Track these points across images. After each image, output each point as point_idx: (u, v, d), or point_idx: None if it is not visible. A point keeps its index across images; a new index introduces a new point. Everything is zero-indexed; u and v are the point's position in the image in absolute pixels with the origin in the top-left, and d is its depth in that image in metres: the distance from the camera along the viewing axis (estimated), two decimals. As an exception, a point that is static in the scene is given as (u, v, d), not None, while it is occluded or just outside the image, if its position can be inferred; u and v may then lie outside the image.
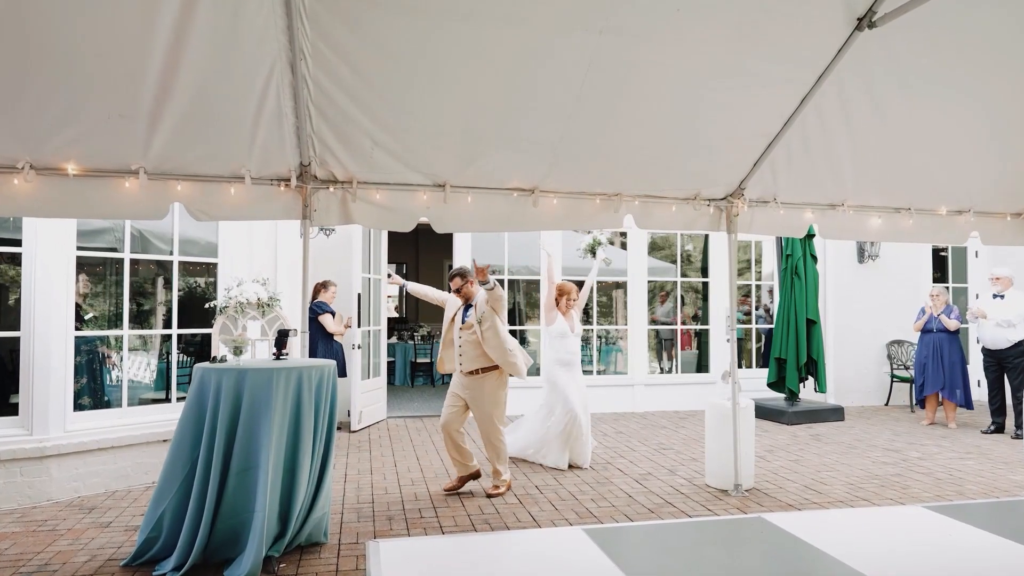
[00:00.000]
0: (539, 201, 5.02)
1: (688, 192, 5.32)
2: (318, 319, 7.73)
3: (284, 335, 4.35)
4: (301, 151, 4.46)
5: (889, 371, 10.02)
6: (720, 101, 4.46)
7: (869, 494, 5.45)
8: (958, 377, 8.26)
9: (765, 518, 4.80)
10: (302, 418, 3.93)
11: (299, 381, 3.92)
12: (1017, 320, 7.58)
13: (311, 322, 7.65)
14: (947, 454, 6.90)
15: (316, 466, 4.10)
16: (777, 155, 5.00)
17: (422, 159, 4.61)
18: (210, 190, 4.52)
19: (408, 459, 6.60)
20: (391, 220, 4.91)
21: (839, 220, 5.71)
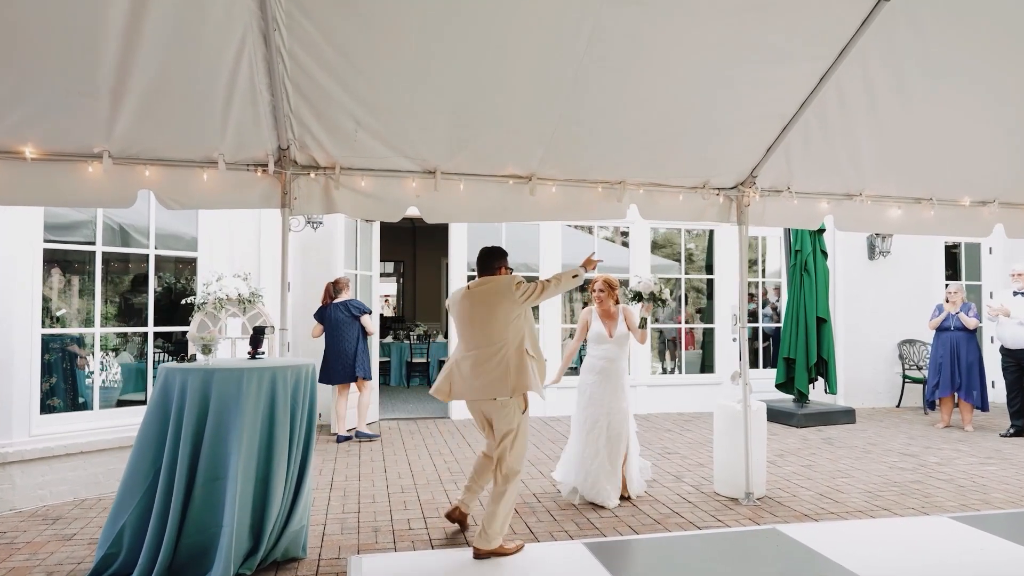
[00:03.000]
0: (536, 189, 4.68)
1: (696, 180, 4.97)
2: (360, 319, 7.44)
3: (260, 333, 4.01)
4: (279, 133, 4.12)
5: (901, 372, 9.68)
6: (733, 78, 4.12)
7: (889, 503, 5.11)
8: (975, 378, 7.91)
9: (780, 529, 4.46)
10: (276, 423, 3.59)
11: (272, 382, 3.58)
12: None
13: (350, 321, 7.36)
14: (967, 459, 6.56)
15: (293, 475, 3.75)
16: (792, 140, 4.65)
17: (410, 142, 4.27)
18: (181, 176, 4.20)
19: (399, 464, 6.26)
20: (377, 209, 4.57)
21: (856, 211, 5.36)
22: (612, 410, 5.00)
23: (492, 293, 3.93)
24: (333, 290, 7.41)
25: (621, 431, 5.01)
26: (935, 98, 4.44)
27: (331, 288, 7.42)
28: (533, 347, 3.97)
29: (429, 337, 12.94)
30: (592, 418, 5.02)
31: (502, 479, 3.87)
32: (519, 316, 3.91)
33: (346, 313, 7.35)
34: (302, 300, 8.12)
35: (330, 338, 7.32)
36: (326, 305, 7.39)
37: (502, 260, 4.09)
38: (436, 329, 14.20)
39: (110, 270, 6.60)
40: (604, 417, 4.99)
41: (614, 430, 4.98)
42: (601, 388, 5.05)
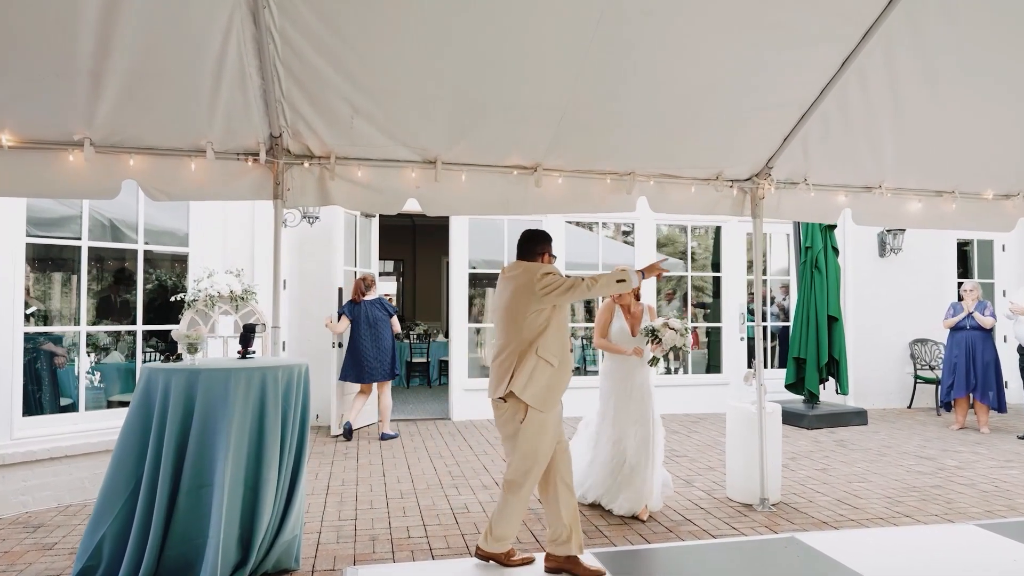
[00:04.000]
0: (542, 180, 4.46)
1: (709, 172, 4.75)
2: (391, 320, 7.36)
3: (250, 331, 3.79)
4: (270, 120, 3.90)
5: (912, 372, 9.45)
6: (751, 61, 3.89)
7: (910, 509, 4.88)
8: (991, 378, 7.68)
9: (798, 538, 4.23)
10: (266, 426, 3.36)
11: (262, 383, 3.36)
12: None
13: (385, 320, 7.30)
14: (986, 462, 6.33)
15: (285, 482, 3.53)
16: (811, 129, 4.42)
17: (409, 130, 4.05)
18: (168, 165, 3.98)
19: (399, 468, 6.04)
20: (375, 201, 4.35)
21: (874, 204, 5.14)
22: (642, 417, 4.56)
23: (515, 281, 3.52)
24: (363, 287, 7.29)
25: (648, 439, 4.55)
26: (962, 86, 4.22)
27: (361, 284, 7.29)
28: (556, 351, 3.45)
29: (429, 336, 12.72)
30: (620, 429, 4.55)
31: (503, 486, 3.60)
32: (539, 312, 3.43)
33: (382, 312, 7.29)
34: (298, 298, 7.91)
35: (363, 336, 7.16)
36: (357, 301, 7.24)
37: (544, 245, 3.65)
38: (436, 328, 13.98)
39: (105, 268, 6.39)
40: (633, 426, 4.55)
41: (642, 439, 4.53)
42: (627, 395, 4.58)
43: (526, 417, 3.43)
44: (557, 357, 3.46)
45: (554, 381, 3.46)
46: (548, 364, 3.43)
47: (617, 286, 3.53)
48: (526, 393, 3.40)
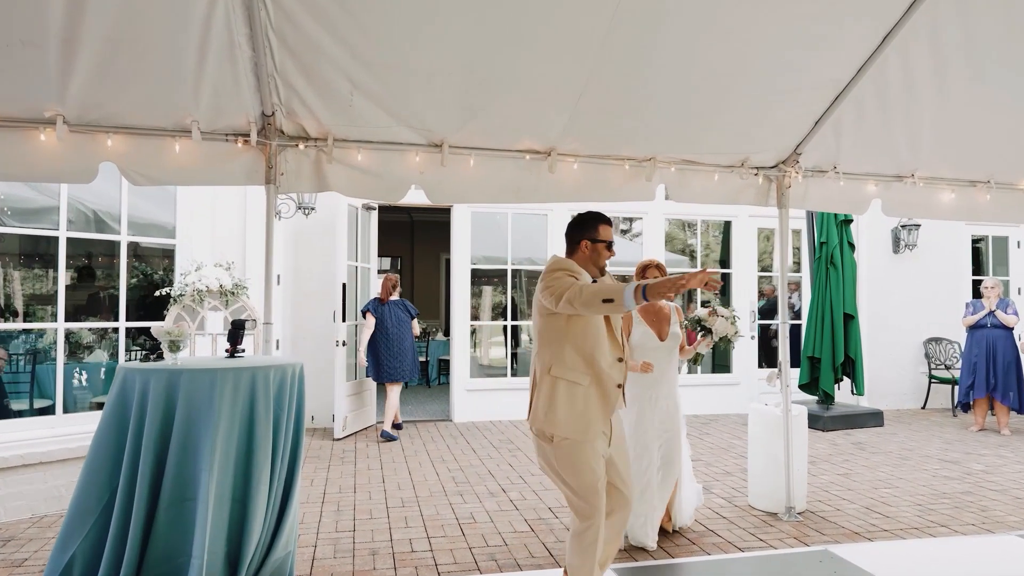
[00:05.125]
0: (556, 166, 4.14)
1: (734, 158, 4.44)
2: (412, 322, 7.39)
3: (239, 328, 3.45)
4: (262, 97, 3.57)
5: (927, 371, 9.16)
6: (784, 35, 3.56)
7: (944, 518, 4.59)
8: (1012, 378, 7.41)
9: (832, 551, 3.93)
10: (256, 432, 3.03)
11: (252, 385, 3.03)
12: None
13: (408, 321, 7.32)
14: (1014, 466, 6.04)
15: (277, 493, 3.20)
16: (844, 111, 4.11)
17: (413, 108, 3.72)
18: (149, 146, 3.65)
19: (399, 473, 5.71)
20: (376, 188, 4.02)
21: (905, 194, 4.84)
22: (668, 435, 3.99)
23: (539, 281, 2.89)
24: (390, 286, 7.29)
25: (674, 457, 4.01)
26: (1008, 65, 3.90)
27: (388, 284, 7.29)
28: (580, 366, 2.79)
29: (428, 335, 12.38)
30: (641, 444, 3.92)
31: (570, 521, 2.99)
32: (554, 320, 2.80)
33: (405, 312, 7.33)
34: (293, 294, 7.57)
35: (388, 336, 7.18)
36: (384, 301, 7.25)
37: (583, 231, 2.89)
38: (435, 327, 13.65)
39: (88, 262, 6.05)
40: (655, 441, 3.96)
41: (668, 458, 3.99)
42: (652, 407, 3.97)
43: (554, 446, 2.81)
44: (585, 373, 2.79)
45: (587, 404, 2.78)
46: (573, 383, 2.78)
47: (603, 307, 2.59)
48: (547, 421, 2.80)
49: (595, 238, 2.89)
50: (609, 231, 2.92)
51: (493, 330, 14.06)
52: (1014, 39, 3.74)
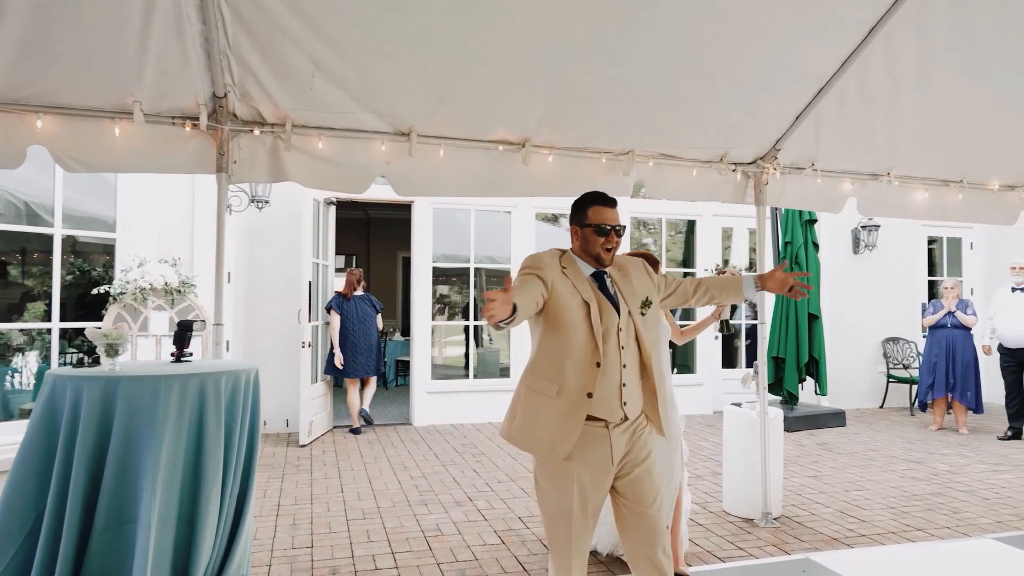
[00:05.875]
0: (530, 158, 3.92)
1: (713, 152, 4.29)
2: (377, 317, 7.37)
3: (187, 329, 3.14)
4: (213, 76, 3.26)
5: (885, 371, 9.27)
6: (767, 25, 3.42)
7: (919, 521, 4.53)
8: (971, 378, 7.50)
9: (814, 559, 3.82)
10: (206, 445, 2.73)
11: (201, 393, 2.73)
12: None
13: (373, 316, 7.31)
14: (977, 466, 6.08)
15: (228, 512, 2.91)
16: (826, 105, 4.00)
17: (380, 92, 3.46)
18: (85, 129, 3.31)
19: (359, 482, 5.41)
20: (338, 179, 3.74)
21: (881, 193, 4.78)
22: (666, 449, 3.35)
23: None
24: (355, 282, 7.27)
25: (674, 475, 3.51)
26: (994, 61, 3.83)
27: (353, 280, 7.26)
28: (551, 374, 2.38)
29: (385, 335, 12.02)
30: None
31: None
32: (537, 320, 2.45)
33: (371, 307, 7.31)
34: (245, 292, 7.17)
35: (354, 331, 7.16)
36: (348, 297, 7.22)
37: (573, 217, 2.54)
38: (392, 327, 13.30)
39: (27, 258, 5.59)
40: None
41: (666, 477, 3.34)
42: None
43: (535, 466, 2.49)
44: (554, 382, 2.37)
45: (552, 418, 2.36)
46: (538, 394, 2.40)
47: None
48: (510, 433, 2.49)
49: (583, 222, 2.48)
50: (603, 212, 2.45)
51: (450, 330, 13.79)
52: (1001, 35, 3.67)
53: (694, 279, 2.72)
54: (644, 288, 2.55)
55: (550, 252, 2.53)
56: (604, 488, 2.42)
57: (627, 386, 2.41)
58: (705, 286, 2.71)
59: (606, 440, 2.39)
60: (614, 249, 2.48)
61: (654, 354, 2.48)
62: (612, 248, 2.47)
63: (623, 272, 2.55)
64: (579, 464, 2.37)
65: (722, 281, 2.73)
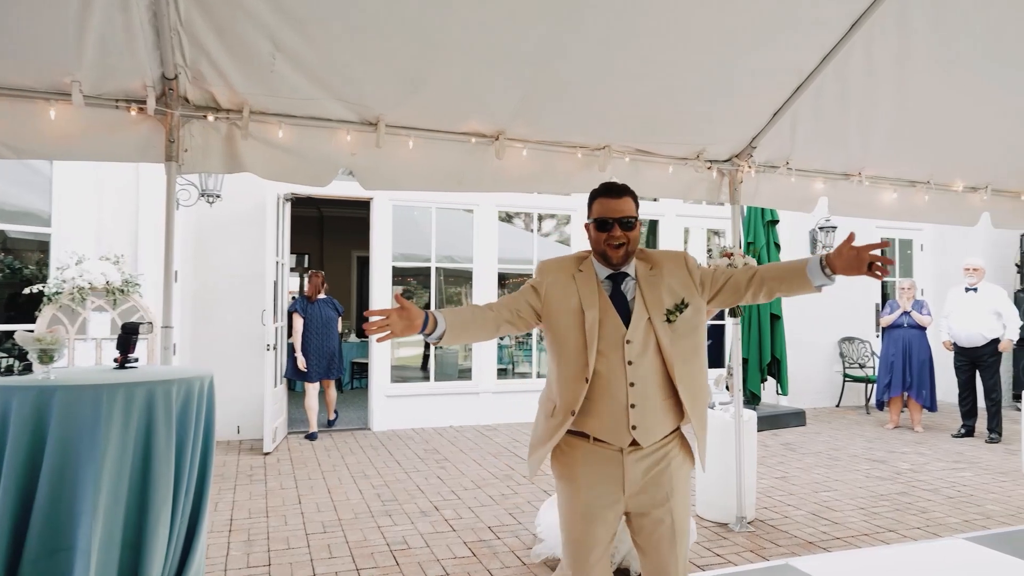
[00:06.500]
0: (504, 151, 3.74)
1: (690, 149, 4.19)
2: (338, 321, 7.30)
3: (132, 332, 2.85)
4: (163, 55, 2.98)
5: (841, 370, 9.40)
6: (750, 17, 3.32)
7: (890, 522, 4.52)
8: (926, 377, 7.63)
9: (793, 565, 3.74)
10: (154, 462, 2.47)
11: (149, 403, 2.46)
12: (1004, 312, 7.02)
13: (335, 319, 7.25)
14: (936, 464, 6.16)
15: (180, 533, 2.64)
16: (803, 103, 3.94)
17: (347, 78, 3.23)
18: (16, 111, 3.00)
19: (317, 492, 5.14)
20: (299, 170, 3.49)
21: (851, 193, 4.76)
22: None
23: None
24: (320, 284, 7.23)
25: None
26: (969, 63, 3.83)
27: (318, 281, 7.21)
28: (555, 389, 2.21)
29: (340, 337, 11.66)
30: None
31: None
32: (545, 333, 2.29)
33: (334, 311, 7.24)
34: (194, 292, 6.79)
35: (316, 335, 7.07)
36: (313, 299, 7.14)
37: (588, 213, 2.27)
38: (347, 328, 12.93)
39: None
40: None
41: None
42: None
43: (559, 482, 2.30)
44: (552, 400, 2.23)
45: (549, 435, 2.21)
46: (542, 412, 2.28)
47: None
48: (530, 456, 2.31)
49: (589, 217, 2.23)
50: (606, 204, 2.17)
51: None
52: (975, 38, 3.67)
53: (747, 269, 2.19)
54: (679, 289, 2.17)
55: (570, 256, 2.32)
56: (612, 518, 2.18)
57: (637, 407, 2.10)
58: (760, 277, 2.14)
59: (618, 465, 2.14)
60: (626, 246, 2.16)
61: (687, 368, 2.13)
62: (620, 244, 2.15)
63: (655, 271, 2.20)
64: (585, 489, 2.17)
65: (781, 270, 2.13)
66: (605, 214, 2.17)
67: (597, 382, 2.14)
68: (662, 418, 2.15)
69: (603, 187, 2.24)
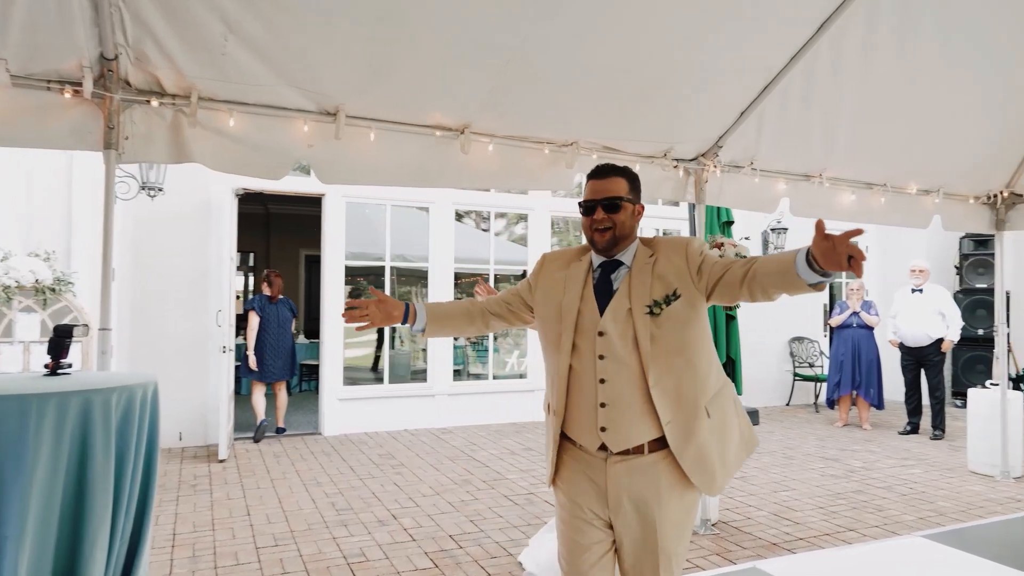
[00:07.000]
0: (470, 146, 3.59)
1: (657, 147, 4.12)
2: (292, 322, 7.25)
3: (65, 335, 2.59)
4: (102, 33, 2.73)
5: (792, 370, 9.57)
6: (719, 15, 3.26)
7: (849, 521, 4.56)
8: (874, 376, 7.81)
9: (761, 568, 3.71)
10: (90, 480, 2.23)
11: (85, 415, 2.22)
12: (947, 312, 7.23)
13: (291, 319, 7.18)
14: (886, 461, 6.29)
15: (119, 557, 2.40)
16: (770, 102, 3.92)
17: (305, 63, 3.03)
18: (-69, 91, 2.68)
19: (267, 502, 4.89)
20: (252, 162, 3.27)
21: (812, 195, 4.78)
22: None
23: None
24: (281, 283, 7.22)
25: None
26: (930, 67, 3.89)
27: (279, 281, 7.18)
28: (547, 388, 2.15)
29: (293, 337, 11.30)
30: None
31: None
32: None
33: (289, 312, 7.20)
34: (132, 291, 6.42)
35: (272, 335, 7.01)
36: (275, 299, 7.09)
37: None
38: (297, 328, 12.54)
39: None
40: None
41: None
42: None
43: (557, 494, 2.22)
44: (548, 400, 2.15)
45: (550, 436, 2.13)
46: (545, 412, 2.19)
47: None
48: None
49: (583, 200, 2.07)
50: (591, 186, 2.04)
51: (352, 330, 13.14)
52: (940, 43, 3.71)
53: (744, 262, 1.87)
54: (672, 278, 1.95)
55: (575, 247, 2.18)
56: (600, 527, 2.03)
57: (608, 407, 1.95)
58: (754, 273, 1.83)
59: (601, 472, 2.00)
60: (612, 230, 1.99)
61: (667, 368, 1.93)
62: (605, 228, 1.99)
63: (652, 259, 2.01)
64: (571, 497, 2.07)
65: (774, 265, 1.78)
66: (589, 196, 2.03)
67: (572, 378, 2.03)
68: (638, 423, 1.95)
69: (593, 168, 2.09)
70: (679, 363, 1.95)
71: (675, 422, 1.94)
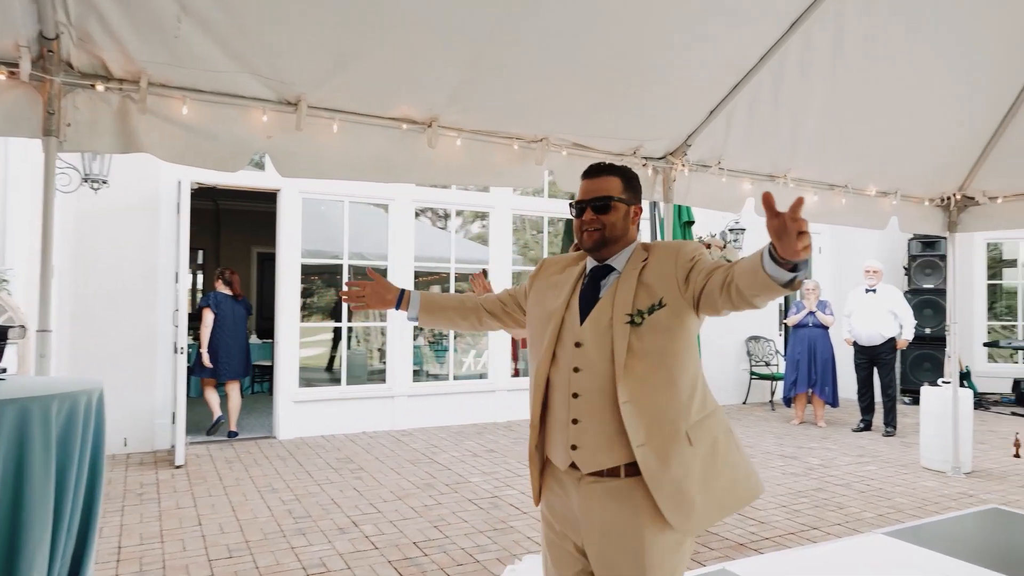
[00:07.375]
0: (438, 140, 3.47)
1: (627, 145, 4.07)
2: (248, 320, 7.17)
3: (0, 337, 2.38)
4: (41, 11, 2.53)
5: (748, 368, 9.70)
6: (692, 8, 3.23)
7: (812, 520, 4.59)
8: (829, 374, 7.96)
9: (730, 569, 3.69)
10: (27, 495, 2.04)
11: (21, 425, 2.03)
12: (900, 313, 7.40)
13: (242, 319, 7.03)
14: (843, 459, 6.40)
15: (60, 573, 2.22)
16: (739, 102, 3.91)
17: (265, 49, 2.87)
18: None
19: (219, 510, 4.67)
20: (207, 153, 3.08)
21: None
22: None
23: None
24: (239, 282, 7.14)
25: None
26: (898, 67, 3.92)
27: (238, 280, 7.10)
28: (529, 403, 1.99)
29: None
30: None
31: None
32: None
33: (245, 310, 7.09)
34: (73, 290, 6.09)
35: (228, 333, 6.88)
36: (239, 297, 7.04)
37: None
38: (249, 328, 12.17)
39: None
40: None
41: None
42: None
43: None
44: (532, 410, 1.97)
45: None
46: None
47: None
48: None
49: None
50: (582, 186, 1.94)
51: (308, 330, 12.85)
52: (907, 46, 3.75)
53: (724, 269, 1.71)
54: (659, 285, 1.81)
55: (575, 253, 2.06)
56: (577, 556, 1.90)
57: (580, 424, 1.81)
58: (732, 276, 1.66)
59: (573, 492, 1.86)
60: (601, 231, 1.87)
61: (641, 382, 1.76)
62: (593, 230, 1.87)
63: (644, 263, 1.87)
64: (549, 520, 1.98)
65: (747, 267, 1.61)
66: (580, 197, 1.93)
67: (550, 391, 1.90)
68: (609, 444, 1.77)
69: (586, 168, 1.98)
70: (658, 380, 1.78)
71: (649, 446, 1.74)
